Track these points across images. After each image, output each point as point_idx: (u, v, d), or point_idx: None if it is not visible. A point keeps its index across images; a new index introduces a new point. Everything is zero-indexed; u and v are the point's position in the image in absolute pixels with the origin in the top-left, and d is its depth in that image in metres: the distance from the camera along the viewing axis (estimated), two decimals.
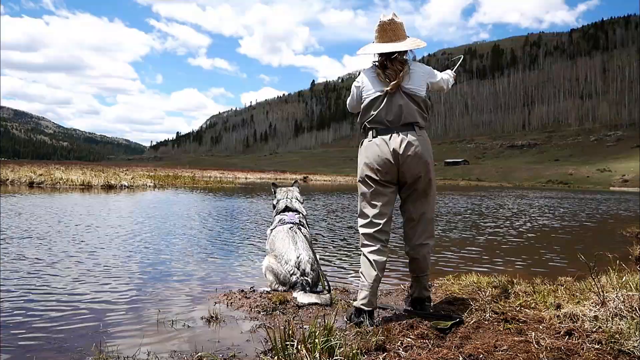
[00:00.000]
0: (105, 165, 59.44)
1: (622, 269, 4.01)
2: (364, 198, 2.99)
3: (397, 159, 2.86)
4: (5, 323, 2.91)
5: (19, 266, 4.47)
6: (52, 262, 4.71)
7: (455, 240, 7.79)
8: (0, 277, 4.04)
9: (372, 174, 2.92)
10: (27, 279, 4.03)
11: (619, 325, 2.59)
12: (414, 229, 3.04)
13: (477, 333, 2.65)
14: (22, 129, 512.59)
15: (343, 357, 2.11)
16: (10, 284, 3.84)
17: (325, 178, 58.57)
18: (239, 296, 3.55)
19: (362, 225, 2.98)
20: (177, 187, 22.70)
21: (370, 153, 2.93)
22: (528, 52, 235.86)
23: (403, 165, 2.88)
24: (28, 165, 29.92)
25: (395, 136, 2.87)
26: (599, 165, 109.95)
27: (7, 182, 18.17)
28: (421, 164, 2.91)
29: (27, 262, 4.68)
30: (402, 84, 2.92)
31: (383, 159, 2.87)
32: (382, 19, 3.01)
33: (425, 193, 3.01)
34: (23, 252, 5.14)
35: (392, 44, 2.97)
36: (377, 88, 2.97)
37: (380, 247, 2.92)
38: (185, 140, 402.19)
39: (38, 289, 3.72)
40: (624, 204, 22.99)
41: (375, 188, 2.93)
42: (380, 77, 2.96)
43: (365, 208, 2.98)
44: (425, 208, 3.03)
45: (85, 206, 11.28)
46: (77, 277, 4.16)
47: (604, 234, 10.01)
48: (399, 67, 2.94)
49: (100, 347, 2.48)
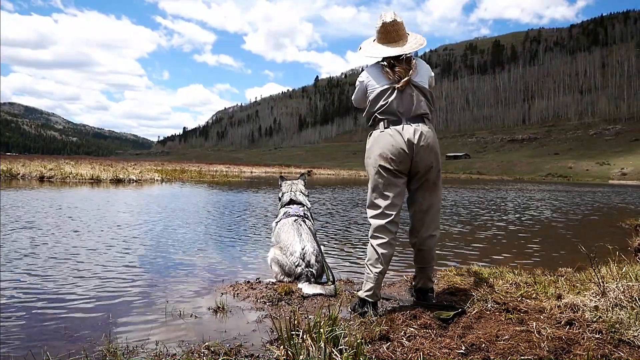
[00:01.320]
0: (113, 160, 59.62)
1: (622, 260, 3.99)
2: (376, 189, 2.94)
3: (412, 148, 2.84)
4: (17, 313, 2.92)
5: (31, 257, 4.49)
6: (62, 254, 4.73)
7: (457, 232, 7.78)
8: (10, 268, 4.06)
9: (387, 163, 2.88)
10: (39, 269, 4.05)
11: (619, 315, 2.57)
12: (422, 220, 3.02)
13: (479, 323, 2.64)
14: (33, 124, 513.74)
15: (347, 347, 2.10)
16: (21, 275, 3.86)
17: (329, 172, 58.50)
18: (245, 287, 3.56)
19: (373, 217, 2.94)
20: (183, 181, 22.72)
21: (384, 143, 2.89)
22: (528, 48, 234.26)
23: (417, 155, 2.86)
24: (38, 160, 30.02)
25: (408, 127, 2.86)
26: (598, 159, 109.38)
27: (18, 176, 18.22)
28: (433, 154, 2.91)
29: (39, 253, 4.70)
30: (413, 78, 2.93)
31: (398, 149, 2.85)
32: (384, 20, 2.98)
33: (435, 184, 3.00)
34: (36, 244, 5.15)
35: (398, 47, 2.96)
36: (384, 82, 2.96)
37: (390, 239, 2.89)
38: (191, 135, 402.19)
39: (49, 280, 3.73)
40: (622, 197, 22.89)
41: (388, 178, 2.90)
42: (388, 74, 2.95)
43: (376, 199, 2.94)
44: (434, 199, 3.02)
45: (95, 200, 11.30)
46: (87, 268, 4.17)
47: (604, 226, 9.98)
48: (407, 66, 2.94)
49: (110, 336, 2.49)
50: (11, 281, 3.67)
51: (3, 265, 4.16)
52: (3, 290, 3.40)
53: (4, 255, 4.52)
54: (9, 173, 18.27)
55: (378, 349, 2.25)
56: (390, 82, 2.93)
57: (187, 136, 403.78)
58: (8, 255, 4.53)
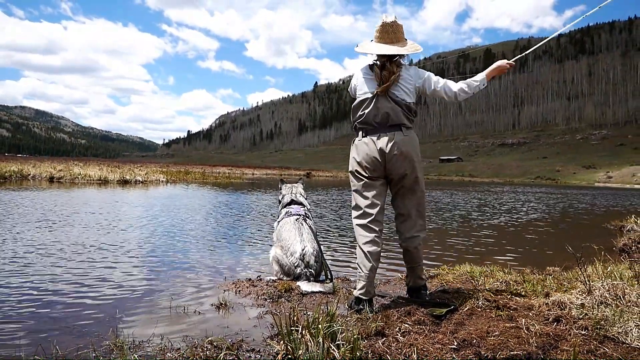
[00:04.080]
0: (120, 161, 59.52)
1: (607, 260, 4.00)
2: (357, 192, 3.01)
3: (384, 157, 2.88)
4: (26, 310, 2.92)
5: (40, 255, 4.48)
6: (70, 252, 4.72)
7: (450, 232, 7.78)
8: (22, 265, 4.05)
9: (361, 170, 2.96)
10: (48, 267, 4.04)
11: (604, 312, 2.58)
12: (404, 223, 3.05)
13: (470, 319, 2.64)
14: (43, 127, 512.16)
15: (345, 342, 2.10)
16: (32, 272, 3.85)
17: (327, 174, 58.50)
18: (246, 284, 3.55)
19: (356, 217, 2.99)
20: (187, 182, 22.69)
21: (360, 151, 2.95)
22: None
23: (389, 163, 2.89)
24: (48, 162, 29.98)
25: (383, 136, 2.88)
26: (585, 163, 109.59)
27: (29, 177, 18.20)
28: (407, 162, 2.91)
29: (48, 251, 4.69)
30: (390, 89, 2.90)
31: (371, 157, 2.89)
32: (385, 20, 2.96)
33: (412, 190, 3.00)
34: (44, 242, 5.14)
35: (394, 46, 2.93)
36: (368, 89, 2.97)
37: (375, 237, 2.91)
38: (195, 138, 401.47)
39: (57, 277, 3.73)
40: (607, 199, 22.92)
41: (365, 181, 2.96)
42: (376, 76, 2.94)
43: (357, 200, 3.01)
44: (413, 204, 3.02)
45: (102, 200, 11.29)
46: (94, 266, 4.17)
47: (590, 227, 9.99)
48: (394, 69, 2.91)
49: (117, 332, 2.48)
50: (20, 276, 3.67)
51: (12, 262, 4.16)
52: (14, 288, 3.40)
53: (12, 251, 4.52)
54: (20, 174, 18.23)
55: (374, 344, 2.25)
56: (374, 87, 2.93)
57: (191, 139, 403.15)
58: (18, 253, 4.53)
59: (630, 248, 6.03)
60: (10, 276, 3.70)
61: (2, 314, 2.82)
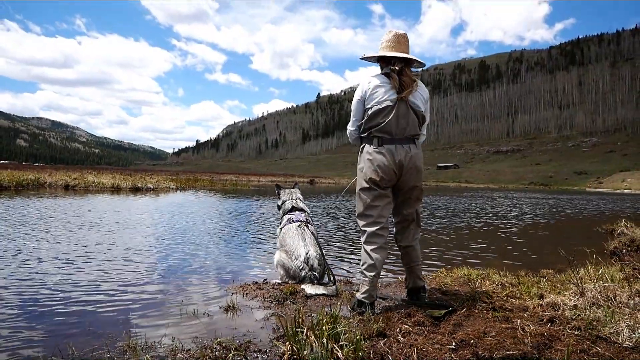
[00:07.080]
0: (132, 170, 59.63)
1: (599, 263, 3.99)
2: (367, 200, 2.93)
3: (401, 170, 2.87)
4: (43, 311, 2.92)
5: (55, 260, 4.50)
6: (85, 257, 4.73)
7: (447, 236, 7.76)
8: (39, 268, 4.06)
9: (378, 179, 2.88)
10: (65, 270, 4.05)
11: (597, 313, 2.57)
12: (406, 228, 3.06)
13: (468, 320, 2.64)
14: (59, 137, 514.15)
15: (348, 343, 2.10)
16: (48, 275, 3.86)
17: (329, 181, 58.48)
18: (253, 287, 3.55)
19: (366, 225, 2.94)
20: (196, 189, 22.72)
21: (377, 161, 2.86)
22: (511, 67, 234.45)
23: (404, 176, 2.89)
24: (64, 170, 30.06)
25: (400, 148, 2.85)
26: (576, 169, 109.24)
27: (45, 184, 18.26)
28: (418, 175, 2.94)
29: (64, 256, 4.70)
30: (410, 97, 2.86)
31: (390, 169, 2.85)
32: (397, 32, 2.94)
33: (418, 198, 3.04)
34: (61, 248, 5.16)
35: (412, 55, 2.93)
36: (387, 96, 2.84)
37: (382, 244, 2.90)
38: (204, 147, 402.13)
39: (74, 281, 3.74)
40: (598, 204, 22.82)
41: (378, 191, 2.91)
42: (394, 82, 2.84)
43: (368, 209, 2.94)
44: (415, 209, 3.05)
45: (115, 206, 11.31)
46: (107, 271, 4.17)
47: (582, 230, 9.95)
48: (413, 77, 2.88)
49: (130, 333, 2.49)
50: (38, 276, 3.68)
51: (25, 264, 4.17)
52: (31, 292, 3.41)
53: (25, 254, 4.53)
54: (37, 182, 18.29)
55: (376, 344, 2.25)
56: (393, 94, 2.83)
57: (199, 148, 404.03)
58: (33, 254, 4.54)
59: (620, 251, 6.01)
60: (25, 279, 3.71)
61: (22, 316, 2.82)
